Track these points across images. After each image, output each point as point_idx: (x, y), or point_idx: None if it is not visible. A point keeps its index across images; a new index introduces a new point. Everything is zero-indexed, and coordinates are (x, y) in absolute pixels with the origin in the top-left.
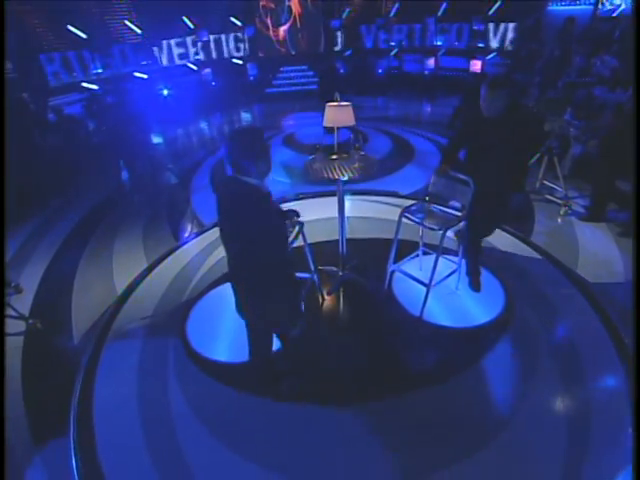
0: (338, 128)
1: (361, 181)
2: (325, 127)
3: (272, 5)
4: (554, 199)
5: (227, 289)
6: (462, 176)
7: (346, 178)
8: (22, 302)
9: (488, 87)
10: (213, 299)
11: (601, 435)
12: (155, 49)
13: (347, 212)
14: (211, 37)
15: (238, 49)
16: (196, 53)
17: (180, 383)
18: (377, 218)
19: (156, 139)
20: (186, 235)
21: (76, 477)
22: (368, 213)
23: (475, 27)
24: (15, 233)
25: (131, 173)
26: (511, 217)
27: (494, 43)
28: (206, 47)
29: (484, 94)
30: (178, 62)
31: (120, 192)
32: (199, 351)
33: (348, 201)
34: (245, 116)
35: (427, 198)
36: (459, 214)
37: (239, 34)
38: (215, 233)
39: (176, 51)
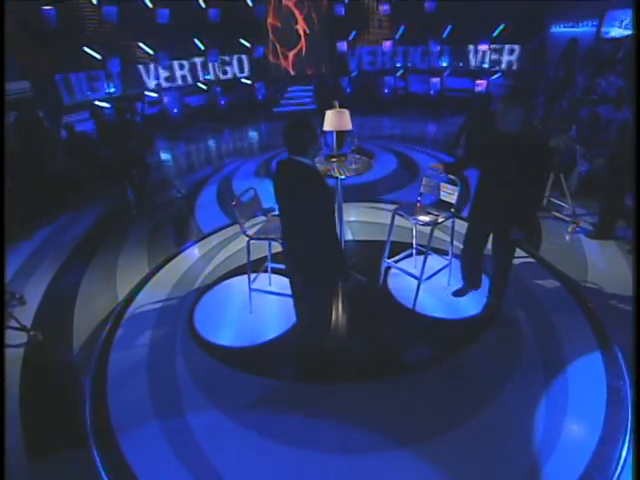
0: (337, 132)
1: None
2: (324, 131)
3: (280, 27)
4: (561, 216)
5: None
6: (452, 176)
7: (344, 177)
8: (25, 314)
9: (507, 101)
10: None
11: (575, 411)
12: (167, 69)
13: (350, 217)
14: (220, 58)
15: (247, 69)
16: (206, 73)
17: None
18: (376, 222)
19: (165, 155)
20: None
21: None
22: (368, 218)
23: (479, 48)
24: (22, 246)
25: (135, 189)
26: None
27: (499, 64)
28: (216, 67)
29: (503, 109)
30: (189, 81)
31: (125, 207)
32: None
33: (353, 208)
34: (253, 134)
35: (419, 198)
36: (449, 212)
37: (248, 55)
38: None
39: (186, 71)
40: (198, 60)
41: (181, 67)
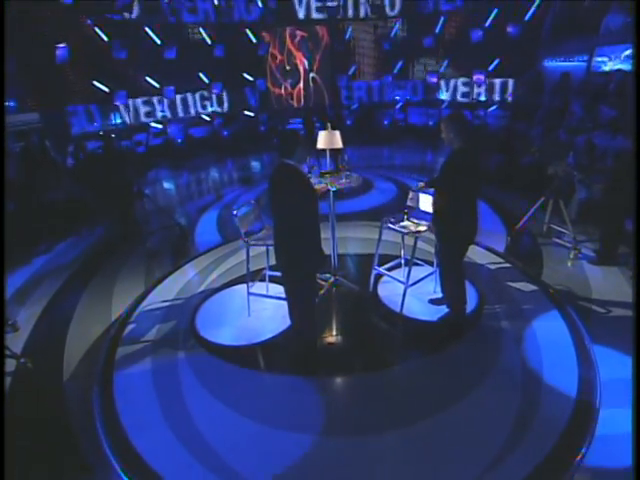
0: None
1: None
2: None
3: (282, 61)
4: (562, 242)
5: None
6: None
7: (335, 189)
8: (17, 341)
9: (444, 120)
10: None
11: (547, 400)
12: (171, 101)
13: (347, 234)
14: (224, 91)
15: (249, 102)
16: (210, 105)
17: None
18: (370, 238)
19: (168, 184)
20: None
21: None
22: (361, 234)
23: (476, 81)
24: (20, 271)
25: (123, 218)
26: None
27: (495, 96)
28: (219, 100)
29: (442, 126)
30: (193, 113)
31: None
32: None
33: (348, 227)
34: (255, 164)
35: (406, 210)
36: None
37: (251, 88)
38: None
39: (191, 103)
40: (202, 93)
41: (185, 100)
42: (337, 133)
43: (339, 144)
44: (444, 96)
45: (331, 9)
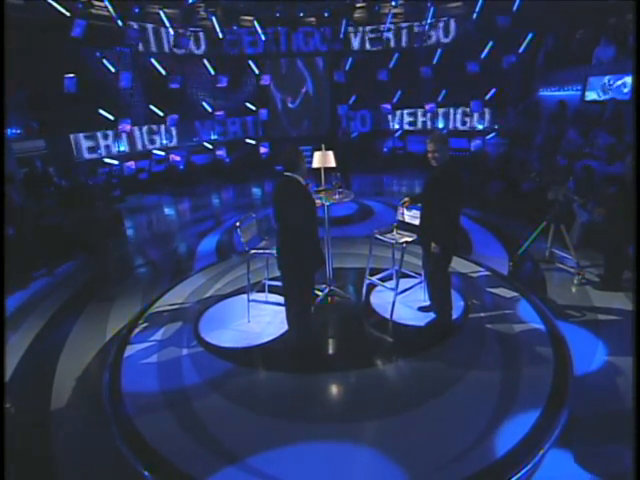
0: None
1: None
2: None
3: (284, 90)
4: (566, 267)
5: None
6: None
7: (329, 204)
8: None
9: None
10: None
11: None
12: (174, 129)
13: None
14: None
15: (251, 130)
16: (213, 133)
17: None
18: (363, 254)
19: (169, 210)
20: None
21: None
22: (356, 250)
23: (474, 110)
24: (16, 296)
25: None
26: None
27: (493, 124)
28: (222, 128)
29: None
30: (195, 141)
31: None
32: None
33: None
34: (256, 190)
35: (395, 224)
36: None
37: (253, 117)
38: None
39: (194, 131)
40: (205, 121)
41: (189, 128)
42: (330, 153)
43: (332, 163)
44: (441, 124)
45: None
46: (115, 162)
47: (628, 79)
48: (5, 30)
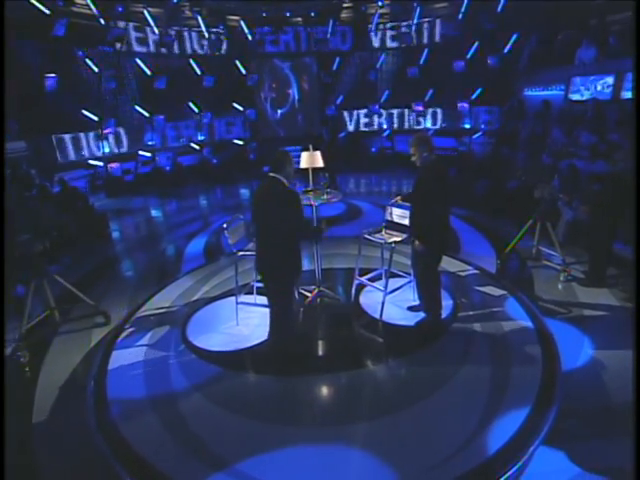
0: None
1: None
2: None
3: (272, 90)
4: (552, 265)
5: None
6: (406, 204)
7: (317, 204)
8: None
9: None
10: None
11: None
12: (161, 130)
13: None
14: (214, 120)
15: (239, 131)
16: (200, 134)
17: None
18: (352, 254)
19: (155, 212)
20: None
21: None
22: (346, 251)
23: (460, 110)
24: None
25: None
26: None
27: (479, 123)
28: (209, 128)
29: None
30: (182, 142)
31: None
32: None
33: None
34: (244, 192)
35: (384, 224)
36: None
37: (241, 118)
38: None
39: (181, 132)
40: (192, 122)
41: (175, 129)
42: (318, 153)
43: (320, 163)
44: (429, 124)
45: (320, 42)
46: (100, 164)
47: (609, 79)
48: (5, 30)
